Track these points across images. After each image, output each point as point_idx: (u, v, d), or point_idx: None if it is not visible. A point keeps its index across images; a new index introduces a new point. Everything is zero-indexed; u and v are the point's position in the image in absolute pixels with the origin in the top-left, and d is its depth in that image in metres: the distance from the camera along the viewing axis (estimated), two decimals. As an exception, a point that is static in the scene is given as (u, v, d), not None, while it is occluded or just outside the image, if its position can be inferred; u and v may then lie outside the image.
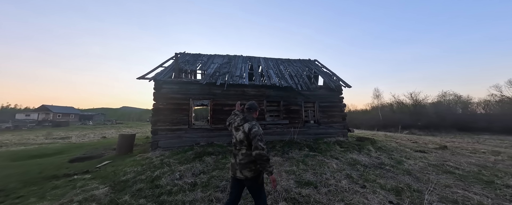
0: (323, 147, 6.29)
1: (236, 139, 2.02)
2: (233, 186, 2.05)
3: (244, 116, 2.08)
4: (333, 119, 8.29)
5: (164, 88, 6.87)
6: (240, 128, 2.00)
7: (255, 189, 1.98)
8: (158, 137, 6.50)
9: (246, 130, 1.93)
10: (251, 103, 2.20)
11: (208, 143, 6.81)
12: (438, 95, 36.76)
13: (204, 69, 8.43)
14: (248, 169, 1.92)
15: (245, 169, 1.92)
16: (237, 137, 2.00)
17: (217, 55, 10.68)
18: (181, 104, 6.99)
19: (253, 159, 1.90)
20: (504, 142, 11.60)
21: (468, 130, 22.75)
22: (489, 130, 21.96)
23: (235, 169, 1.99)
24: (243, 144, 1.96)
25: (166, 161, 4.71)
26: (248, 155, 1.93)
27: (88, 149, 8.53)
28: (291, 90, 8.07)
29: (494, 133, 20.68)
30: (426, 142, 9.12)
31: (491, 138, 15.38)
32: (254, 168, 1.93)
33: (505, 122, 22.15)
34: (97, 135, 16.86)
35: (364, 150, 6.06)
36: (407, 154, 5.94)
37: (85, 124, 36.57)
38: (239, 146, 1.99)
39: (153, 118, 6.56)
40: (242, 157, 1.95)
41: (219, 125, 7.24)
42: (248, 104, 2.20)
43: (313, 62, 11.30)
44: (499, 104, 29.53)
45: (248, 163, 1.93)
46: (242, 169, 1.93)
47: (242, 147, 1.97)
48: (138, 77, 6.43)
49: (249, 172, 1.92)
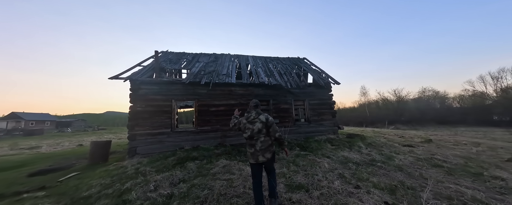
0: (314, 146, 6.10)
1: (253, 131, 2.41)
2: (257, 169, 2.45)
3: (256, 111, 2.53)
4: (323, 117, 8.18)
5: (142, 88, 6.29)
6: (256, 121, 2.44)
7: (271, 166, 2.52)
8: (136, 143, 5.90)
9: (264, 120, 2.43)
10: (256, 101, 2.63)
11: (193, 147, 6.33)
12: (419, 91, 38.92)
13: (188, 68, 7.92)
14: (268, 152, 2.42)
15: (266, 152, 2.39)
16: (255, 128, 2.41)
17: (203, 53, 10.18)
18: (162, 106, 6.44)
19: (270, 142, 2.45)
20: (478, 133, 12.36)
21: (446, 123, 24.27)
22: (464, 123, 23.63)
23: (257, 156, 2.38)
24: (261, 133, 2.41)
25: (141, 170, 4.19)
26: (267, 141, 2.42)
27: (57, 159, 7.62)
28: (280, 88, 7.83)
29: (468, 125, 22.23)
30: (412, 136, 9.36)
31: (466, 130, 16.41)
32: (272, 150, 2.46)
33: (477, 115, 24.01)
34: (73, 143, 15.46)
35: (354, 147, 5.96)
36: (396, 149, 5.93)
37: (62, 131, 33.73)
38: (257, 136, 2.41)
39: (130, 122, 5.96)
40: (261, 144, 2.39)
41: (205, 127, 6.78)
42: (254, 102, 2.62)
43: (302, 60, 11.20)
44: (472, 98, 31.95)
45: (268, 147, 2.42)
46: (264, 153, 2.38)
47: (260, 135, 2.41)
48: (110, 77, 5.79)
49: (269, 153, 2.43)
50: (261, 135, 2.40)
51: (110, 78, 5.76)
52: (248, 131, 2.44)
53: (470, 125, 21.97)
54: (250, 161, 2.45)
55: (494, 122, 22.94)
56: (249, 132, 2.43)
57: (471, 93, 31.43)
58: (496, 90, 28.75)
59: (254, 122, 2.43)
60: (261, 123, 2.41)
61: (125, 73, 6.21)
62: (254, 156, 2.39)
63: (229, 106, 7.18)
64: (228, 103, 7.20)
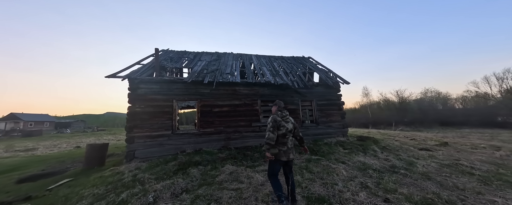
0: (325, 149, 5.69)
1: (287, 129, 2.60)
2: (284, 167, 2.70)
3: (287, 111, 2.75)
4: (331, 118, 7.77)
5: (141, 88, 5.90)
6: (289, 120, 2.70)
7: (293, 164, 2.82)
8: (135, 146, 5.50)
9: (293, 121, 2.76)
10: (280, 102, 2.83)
11: (195, 150, 5.93)
12: (421, 92, 38.50)
13: (190, 66, 7.55)
14: (295, 150, 2.83)
15: (294, 150, 2.70)
16: (289, 127, 2.63)
17: (205, 52, 9.81)
18: (163, 106, 6.05)
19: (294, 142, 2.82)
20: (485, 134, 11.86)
21: (449, 125, 23.81)
22: (467, 124, 23.17)
23: (289, 153, 2.59)
24: (291, 132, 2.68)
25: (140, 177, 3.78)
26: (293, 140, 2.74)
27: (51, 163, 7.22)
28: (286, 88, 7.44)
29: (472, 126, 21.78)
30: (424, 139, 8.93)
31: (472, 131, 15.90)
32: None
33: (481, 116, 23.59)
34: (71, 145, 15.05)
35: (369, 151, 5.55)
36: (414, 153, 5.51)
37: (61, 132, 33.37)
38: (289, 135, 2.63)
39: (128, 123, 5.56)
40: (291, 142, 2.67)
41: (208, 129, 6.38)
42: (283, 103, 2.84)
43: (307, 59, 10.82)
44: (475, 99, 31.53)
45: (294, 145, 2.77)
46: (293, 151, 2.66)
47: (291, 134, 2.67)
48: (107, 75, 5.41)
49: (295, 152, 2.99)
50: (291, 134, 2.65)
51: (107, 76, 5.37)
52: (283, 129, 2.56)
53: (474, 127, 21.50)
54: (282, 158, 2.54)
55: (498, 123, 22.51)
56: (284, 130, 2.56)
57: (474, 94, 31.02)
58: (501, 91, 28.33)
59: (288, 121, 2.65)
60: (292, 124, 2.68)
61: (123, 71, 5.83)
62: (287, 154, 2.56)
63: (233, 106, 6.79)
64: (232, 104, 6.81)
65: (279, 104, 2.77)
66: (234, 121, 6.69)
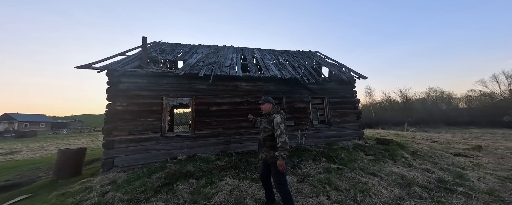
0: (344, 155, 4.73)
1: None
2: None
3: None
4: (346, 118, 6.81)
5: (124, 82, 4.94)
6: None
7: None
8: (114, 152, 4.54)
9: None
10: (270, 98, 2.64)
11: (189, 156, 4.97)
12: (425, 92, 37.51)
13: (184, 59, 6.59)
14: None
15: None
16: None
17: (202, 45, 8.86)
18: (150, 104, 5.09)
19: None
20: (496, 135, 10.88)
21: (455, 125, 22.91)
22: (474, 124, 22.27)
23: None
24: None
25: (108, 198, 2.82)
26: None
27: (23, 170, 6.26)
28: (295, 83, 6.48)
29: (479, 126, 20.85)
30: (449, 141, 7.97)
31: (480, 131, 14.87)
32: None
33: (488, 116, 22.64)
34: (62, 146, 14.11)
35: (398, 158, 4.59)
36: (453, 161, 4.55)
37: (57, 133, 32.46)
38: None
39: (106, 125, 4.60)
40: None
41: (204, 131, 5.43)
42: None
43: (314, 54, 9.86)
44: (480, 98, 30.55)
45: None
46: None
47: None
48: (78, 66, 4.42)
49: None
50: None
51: (78, 67, 4.39)
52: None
53: (481, 127, 20.55)
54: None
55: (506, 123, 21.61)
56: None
57: (478, 93, 30.08)
58: (511, 90, 27.34)
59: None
60: None
61: (102, 62, 4.86)
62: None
63: (234, 104, 5.84)
64: (233, 101, 5.85)
65: (271, 100, 2.53)
66: (235, 122, 5.74)
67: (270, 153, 2.30)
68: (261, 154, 2.45)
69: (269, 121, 2.37)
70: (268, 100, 2.51)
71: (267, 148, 2.35)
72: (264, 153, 2.38)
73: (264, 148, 2.38)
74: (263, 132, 2.40)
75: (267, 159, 2.35)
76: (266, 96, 2.64)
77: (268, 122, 2.37)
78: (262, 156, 2.44)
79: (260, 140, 2.49)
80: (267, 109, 2.48)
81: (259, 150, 2.52)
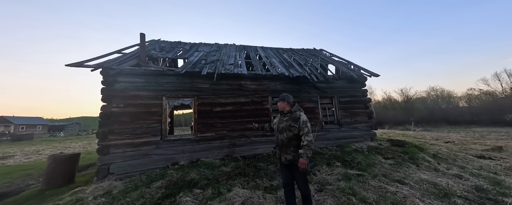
0: (361, 159, 4.35)
1: None
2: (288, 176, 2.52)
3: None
4: (357, 118, 6.44)
5: (120, 81, 4.54)
6: None
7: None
8: (110, 158, 4.14)
9: None
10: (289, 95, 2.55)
11: (191, 161, 4.58)
12: (425, 91, 37.35)
13: (185, 57, 6.20)
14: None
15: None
16: None
17: (203, 43, 8.49)
18: (149, 106, 4.70)
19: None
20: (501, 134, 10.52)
21: (456, 124, 22.71)
22: (476, 123, 22.06)
23: None
24: None
25: (100, 215, 2.42)
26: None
27: (13, 177, 5.83)
28: (302, 82, 6.11)
29: (482, 125, 20.61)
30: (463, 142, 7.60)
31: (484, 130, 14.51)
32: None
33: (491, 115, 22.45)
34: (58, 150, 13.64)
35: (420, 162, 4.22)
36: (481, 165, 4.18)
37: (54, 136, 31.86)
38: None
39: (101, 128, 4.20)
40: None
41: (208, 134, 5.04)
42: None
43: (319, 52, 9.51)
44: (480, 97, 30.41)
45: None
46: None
47: None
48: (69, 64, 4.02)
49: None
50: None
51: (68, 65, 3.99)
52: None
53: (483, 125, 20.29)
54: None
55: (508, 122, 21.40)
56: None
57: (478, 92, 29.95)
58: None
59: None
60: None
61: (96, 59, 4.46)
62: None
63: (239, 105, 5.45)
64: (237, 101, 5.47)
65: (291, 97, 2.41)
66: (240, 123, 5.36)
67: (298, 154, 2.12)
68: (285, 156, 2.19)
69: (294, 119, 2.20)
70: (288, 98, 2.36)
71: (294, 148, 2.16)
72: (291, 154, 2.16)
73: (291, 149, 2.15)
74: (288, 132, 2.18)
75: (293, 161, 2.14)
76: (285, 93, 2.45)
77: (294, 120, 2.19)
78: (286, 158, 2.19)
79: (282, 140, 2.24)
80: (287, 107, 2.33)
81: (281, 151, 2.25)
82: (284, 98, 2.36)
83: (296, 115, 2.24)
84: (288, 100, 2.35)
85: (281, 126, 2.29)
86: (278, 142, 2.32)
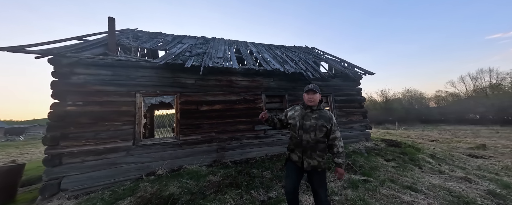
0: (362, 162, 4.03)
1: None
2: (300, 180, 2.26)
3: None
4: (352, 118, 6.22)
5: (79, 73, 3.63)
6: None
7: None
8: (62, 169, 3.23)
9: None
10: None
11: (172, 169, 3.85)
12: (401, 92, 40.19)
13: (166, 48, 5.38)
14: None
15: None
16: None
17: (188, 35, 7.65)
18: (118, 104, 3.84)
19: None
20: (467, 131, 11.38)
21: (427, 122, 24.82)
22: (444, 122, 24.38)
23: None
24: None
25: None
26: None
27: None
28: (298, 79, 5.69)
29: (449, 123, 22.78)
30: (448, 141, 7.87)
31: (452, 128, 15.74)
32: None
33: (457, 114, 25.01)
34: (11, 157, 11.52)
35: (422, 163, 4.02)
36: (479, 165, 4.13)
37: (12, 140, 27.62)
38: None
39: (51, 132, 3.27)
40: None
41: (193, 136, 4.34)
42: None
43: (311, 50, 9.25)
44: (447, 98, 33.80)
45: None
46: None
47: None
48: (4, 47, 3.00)
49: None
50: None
51: (2, 48, 2.99)
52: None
53: (451, 124, 22.40)
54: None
55: (473, 120, 23.95)
56: None
57: (445, 93, 33.26)
58: (475, 90, 30.38)
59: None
60: None
61: (45, 45, 3.47)
62: None
63: (229, 103, 4.83)
64: (227, 99, 4.84)
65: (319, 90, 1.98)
66: (231, 124, 4.74)
67: (324, 159, 1.83)
68: (309, 161, 1.78)
69: (326, 119, 1.84)
70: (317, 90, 1.91)
71: (320, 152, 1.81)
72: (317, 158, 1.80)
73: (317, 153, 1.80)
74: (318, 131, 1.80)
75: (317, 168, 1.79)
76: (313, 84, 2.03)
77: (326, 120, 1.83)
78: (309, 163, 1.77)
79: (307, 141, 1.80)
80: (318, 101, 1.90)
81: (305, 155, 1.80)
82: (317, 89, 1.91)
83: (327, 114, 1.88)
84: (320, 93, 1.94)
85: (308, 124, 1.83)
86: (302, 142, 1.81)
